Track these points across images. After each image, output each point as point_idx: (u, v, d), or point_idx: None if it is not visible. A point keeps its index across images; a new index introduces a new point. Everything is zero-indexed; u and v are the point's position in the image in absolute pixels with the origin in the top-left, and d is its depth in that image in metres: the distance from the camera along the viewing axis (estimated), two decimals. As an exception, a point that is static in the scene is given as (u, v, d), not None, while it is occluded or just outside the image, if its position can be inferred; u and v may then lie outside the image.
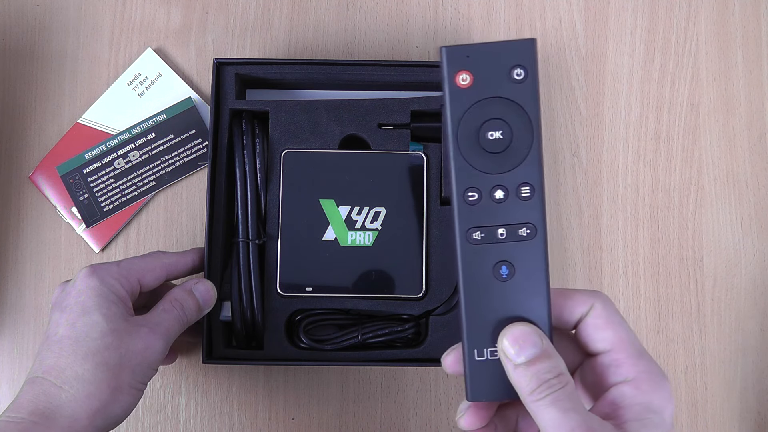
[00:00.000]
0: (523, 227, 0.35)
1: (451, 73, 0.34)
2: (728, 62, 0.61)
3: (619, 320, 0.35)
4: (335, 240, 0.54)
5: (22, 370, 0.58)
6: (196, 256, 0.52)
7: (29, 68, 0.60)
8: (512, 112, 0.34)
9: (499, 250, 0.35)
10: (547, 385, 0.32)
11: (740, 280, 0.60)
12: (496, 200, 0.35)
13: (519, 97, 0.34)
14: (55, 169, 0.58)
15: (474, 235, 0.35)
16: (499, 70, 0.34)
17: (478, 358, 0.35)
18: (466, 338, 0.35)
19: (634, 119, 0.61)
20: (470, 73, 0.34)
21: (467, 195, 0.35)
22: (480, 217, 0.35)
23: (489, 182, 0.34)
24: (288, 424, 0.58)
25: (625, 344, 0.34)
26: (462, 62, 0.34)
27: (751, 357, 0.59)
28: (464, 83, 0.34)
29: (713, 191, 0.60)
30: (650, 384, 0.34)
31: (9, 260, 0.59)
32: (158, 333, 0.45)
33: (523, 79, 0.34)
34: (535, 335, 0.33)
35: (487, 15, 0.62)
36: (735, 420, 0.58)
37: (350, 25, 0.61)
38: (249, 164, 0.54)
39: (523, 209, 0.34)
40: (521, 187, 0.34)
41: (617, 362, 0.34)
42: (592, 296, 0.35)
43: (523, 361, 0.33)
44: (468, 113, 0.34)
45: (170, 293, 0.48)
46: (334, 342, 0.54)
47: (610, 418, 0.33)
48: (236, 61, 0.55)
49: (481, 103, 0.34)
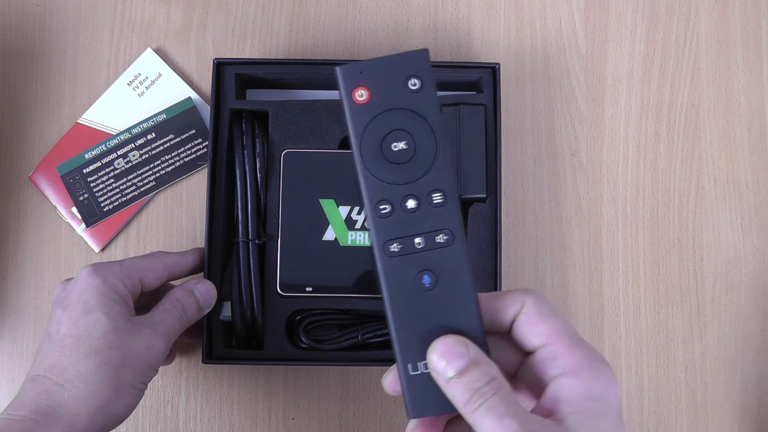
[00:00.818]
0: (439, 234, 0.34)
1: (348, 90, 0.34)
2: (728, 62, 0.61)
3: (551, 313, 0.34)
4: (335, 240, 0.54)
5: (22, 369, 0.58)
6: (197, 256, 0.52)
7: (29, 68, 0.60)
8: (413, 122, 0.34)
9: (418, 260, 0.34)
10: (479, 394, 0.31)
11: (740, 280, 0.60)
12: (409, 210, 0.34)
13: (417, 107, 0.34)
14: (55, 169, 0.58)
15: (392, 248, 0.34)
16: (394, 82, 0.34)
17: (413, 373, 0.34)
18: (399, 354, 0.34)
19: (634, 119, 0.61)
20: (366, 88, 0.34)
21: (379, 208, 0.34)
22: (395, 228, 0.34)
23: (399, 193, 0.34)
24: (288, 424, 0.58)
25: (560, 335, 0.33)
26: (356, 79, 0.34)
27: (751, 357, 0.59)
28: (361, 99, 0.34)
29: (713, 191, 0.60)
30: (589, 371, 0.32)
31: (9, 260, 0.59)
32: (159, 333, 0.45)
33: (419, 88, 0.34)
34: (461, 346, 0.33)
35: (487, 15, 0.62)
36: (735, 420, 0.58)
37: (350, 25, 0.61)
38: (249, 164, 0.54)
39: (437, 216, 0.34)
40: (432, 194, 0.34)
41: (553, 354, 0.33)
42: (522, 294, 0.35)
43: (452, 374, 0.32)
44: (369, 128, 0.34)
45: (171, 293, 0.48)
46: (334, 342, 0.54)
47: (552, 413, 0.32)
48: (236, 61, 0.55)
49: (380, 117, 0.34)
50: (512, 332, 0.35)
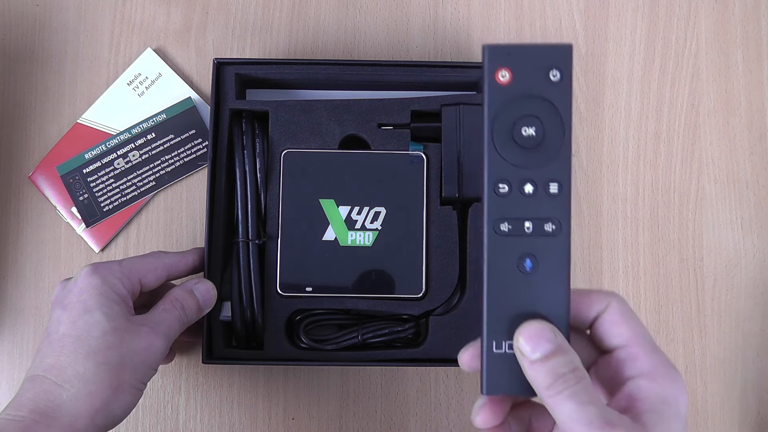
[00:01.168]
0: (549, 222, 0.35)
1: (492, 69, 0.35)
2: (728, 62, 0.61)
3: (633, 317, 0.36)
4: (335, 240, 0.54)
5: (22, 370, 0.58)
6: (197, 256, 0.52)
7: (29, 68, 0.60)
8: (546, 111, 0.35)
9: (524, 244, 0.35)
10: (564, 380, 0.33)
11: (740, 280, 0.60)
12: (526, 194, 0.35)
13: (554, 97, 0.35)
14: (55, 169, 0.58)
15: (501, 227, 0.35)
16: (537, 70, 0.35)
17: (497, 351, 0.35)
18: (486, 329, 0.35)
19: (634, 119, 0.61)
20: (510, 70, 0.35)
21: (498, 187, 0.35)
22: (509, 209, 0.35)
23: (520, 176, 0.35)
24: (288, 424, 0.58)
25: (640, 339, 0.35)
26: (503, 60, 0.35)
27: (751, 357, 0.59)
28: (503, 80, 0.35)
29: (713, 191, 0.60)
30: (665, 377, 0.34)
31: (9, 260, 0.59)
32: (159, 332, 0.45)
33: (559, 80, 0.35)
34: (550, 331, 0.34)
35: (487, 15, 0.62)
36: (735, 420, 0.58)
37: (350, 25, 0.61)
38: (249, 164, 0.54)
39: (550, 205, 0.35)
40: (550, 183, 0.35)
41: (633, 356, 0.35)
42: (608, 296, 0.36)
43: (538, 357, 0.33)
44: (505, 108, 0.35)
45: (170, 293, 0.48)
46: (334, 342, 0.54)
47: (626, 411, 0.34)
48: (236, 61, 0.55)
49: (518, 100, 0.35)
50: (593, 329, 0.36)
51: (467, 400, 0.58)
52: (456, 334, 0.53)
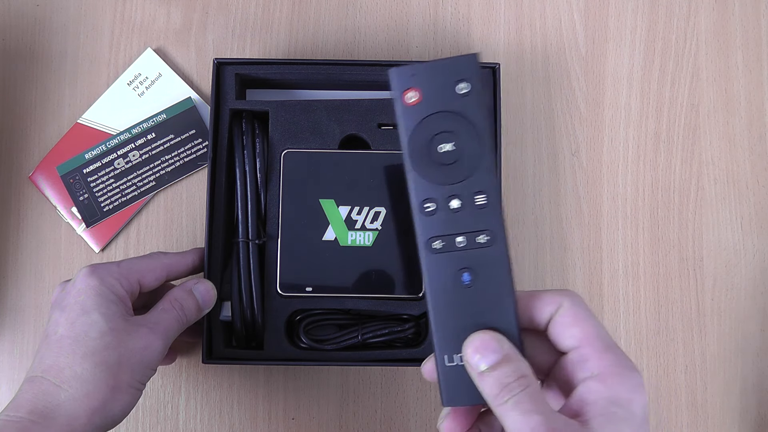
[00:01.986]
0: (481, 234, 0.36)
1: (400, 91, 0.36)
2: (728, 62, 0.61)
3: (586, 316, 0.35)
4: (335, 240, 0.54)
5: (22, 370, 0.58)
6: (197, 256, 0.52)
7: (29, 68, 0.60)
8: (460, 125, 0.36)
9: (460, 258, 0.36)
10: (508, 389, 0.33)
11: (740, 280, 0.60)
12: (453, 209, 0.36)
13: (465, 110, 0.35)
14: (55, 169, 0.58)
15: (434, 245, 0.36)
16: (444, 85, 0.35)
17: (449, 364, 0.36)
18: (437, 345, 0.36)
19: (634, 119, 0.61)
20: (417, 90, 0.36)
21: (424, 206, 0.36)
22: (439, 226, 0.36)
23: (444, 193, 0.36)
24: (288, 424, 0.58)
25: (592, 339, 0.34)
26: (408, 81, 0.36)
27: (751, 357, 0.59)
28: (412, 100, 0.36)
29: (713, 191, 0.60)
30: (616, 377, 0.33)
31: (9, 260, 0.59)
32: (157, 332, 0.45)
33: (468, 92, 0.35)
34: (495, 342, 0.34)
35: (487, 15, 0.62)
36: (735, 420, 0.58)
37: (350, 25, 0.61)
38: (249, 164, 0.54)
39: (479, 217, 0.36)
40: (476, 196, 0.36)
41: (584, 357, 0.34)
42: (560, 295, 0.36)
43: (484, 368, 0.34)
44: (418, 128, 0.36)
45: (170, 293, 0.48)
46: (334, 342, 0.54)
47: (577, 415, 0.33)
48: (236, 61, 0.55)
49: (430, 118, 0.36)
50: (547, 332, 0.36)
51: (467, 400, 0.58)
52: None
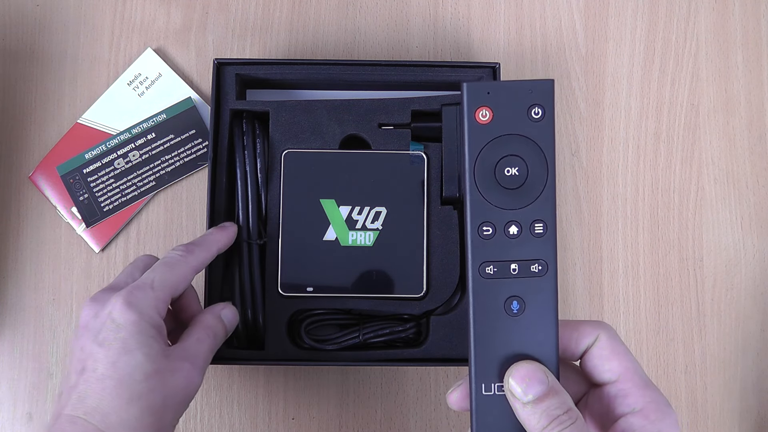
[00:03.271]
0: (535, 263, 0.35)
1: (472, 108, 0.35)
2: (728, 62, 0.62)
3: (624, 350, 0.35)
4: (336, 240, 0.54)
5: (22, 369, 0.58)
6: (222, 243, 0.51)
7: (29, 68, 0.60)
8: (529, 150, 0.35)
9: (510, 286, 0.35)
10: (558, 422, 0.32)
11: (740, 280, 0.60)
12: (510, 236, 0.35)
13: (536, 136, 0.35)
14: (55, 169, 0.58)
15: (487, 270, 0.35)
16: (518, 108, 0.35)
17: (486, 393, 0.35)
18: (474, 372, 0.35)
19: (634, 119, 0.61)
20: (490, 109, 0.35)
21: (482, 229, 0.35)
22: (494, 251, 0.35)
23: (504, 217, 0.35)
24: (288, 424, 0.58)
25: (631, 374, 0.35)
26: (482, 98, 0.35)
27: (751, 357, 0.59)
28: (484, 119, 0.35)
29: (713, 191, 0.60)
30: (658, 414, 0.34)
31: (9, 260, 0.59)
32: (197, 367, 0.44)
33: (541, 117, 0.35)
34: (541, 372, 0.34)
35: (487, 15, 0.62)
36: (735, 420, 0.58)
37: (350, 25, 0.61)
38: (249, 164, 0.54)
39: (536, 246, 0.35)
40: (535, 224, 0.35)
41: (624, 392, 0.35)
42: (597, 327, 0.36)
43: (531, 399, 0.33)
44: (486, 148, 0.35)
45: (202, 320, 0.47)
46: (335, 342, 0.54)
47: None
48: (236, 62, 0.55)
49: (499, 140, 0.35)
50: (583, 363, 0.36)
51: (467, 400, 0.58)
52: (457, 333, 0.53)
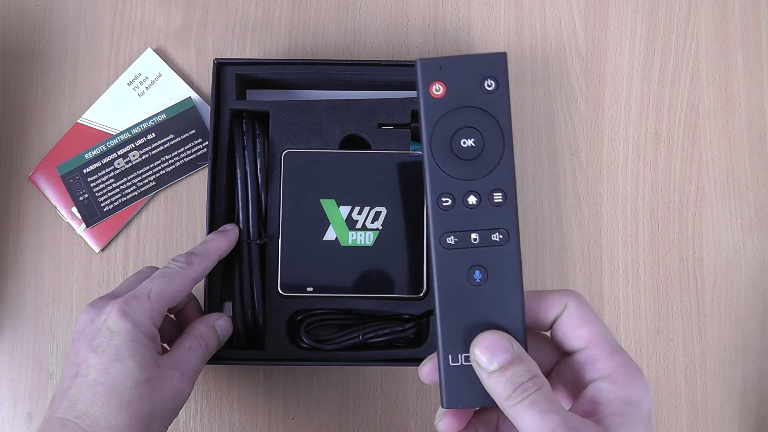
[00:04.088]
0: (495, 232, 0.35)
1: (426, 83, 0.35)
2: (728, 62, 0.61)
3: (593, 317, 0.36)
4: (336, 240, 0.54)
5: (22, 369, 0.58)
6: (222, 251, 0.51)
7: (29, 68, 0.60)
8: (484, 121, 0.35)
9: (472, 255, 0.35)
10: (523, 389, 0.33)
11: (740, 280, 0.60)
12: (469, 206, 0.35)
13: (490, 107, 0.35)
14: (55, 169, 0.58)
15: (448, 240, 0.35)
16: (471, 81, 0.35)
17: (453, 364, 0.35)
18: (441, 343, 0.36)
19: (634, 119, 0.61)
20: (443, 83, 0.35)
21: (441, 200, 0.36)
22: (454, 222, 0.35)
23: (462, 188, 0.36)
24: (288, 424, 0.58)
25: (600, 340, 0.35)
26: (435, 73, 0.35)
27: (751, 357, 0.59)
28: (438, 93, 0.35)
29: (713, 191, 0.60)
30: (627, 378, 0.34)
31: (9, 260, 0.59)
32: (187, 377, 0.45)
33: (495, 89, 0.35)
34: (506, 341, 0.34)
35: (487, 15, 0.62)
36: (735, 420, 0.58)
37: (350, 25, 0.61)
38: (249, 164, 0.54)
39: (495, 215, 0.35)
40: (493, 193, 0.35)
41: (593, 359, 0.35)
42: (565, 295, 0.36)
43: (495, 367, 0.33)
44: (441, 122, 0.36)
45: (195, 329, 0.48)
46: (335, 342, 0.54)
47: (590, 415, 0.34)
48: (236, 62, 0.55)
49: (453, 112, 0.36)
50: (552, 332, 0.36)
51: (467, 400, 0.58)
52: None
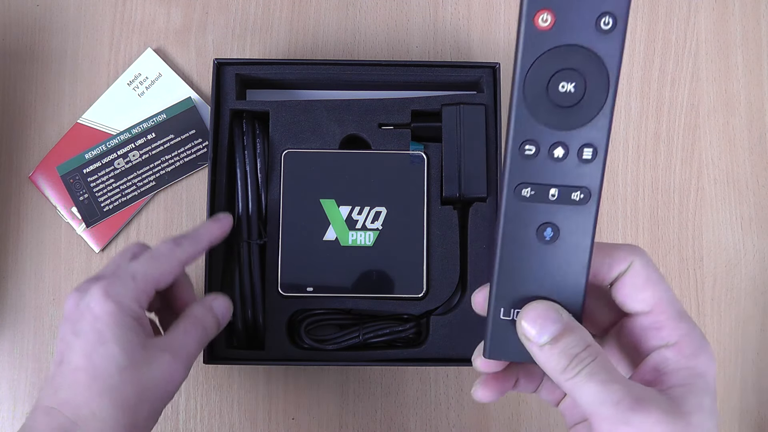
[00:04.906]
0: (577, 191, 0.32)
1: (531, 10, 0.30)
2: (728, 62, 0.62)
3: (658, 279, 0.33)
4: (336, 240, 0.54)
5: (22, 369, 0.58)
6: (213, 235, 0.49)
7: (29, 68, 0.60)
8: (591, 65, 0.31)
9: (548, 211, 0.32)
10: (578, 360, 0.31)
11: (740, 280, 0.60)
12: (555, 158, 0.32)
13: (602, 49, 0.31)
14: (55, 169, 0.58)
15: (524, 191, 0.32)
16: (585, 15, 0.30)
17: (503, 317, 0.33)
18: (495, 295, 0.33)
19: (634, 119, 0.61)
20: (553, 13, 0.30)
21: (524, 147, 0.32)
22: (534, 173, 0.32)
23: (550, 138, 0.32)
24: (288, 424, 0.58)
25: (665, 305, 0.33)
26: (545, 0, 0.30)
27: (751, 357, 0.59)
28: (544, 24, 0.30)
29: (713, 191, 0.60)
30: (693, 348, 0.32)
31: (9, 260, 0.59)
32: (180, 359, 0.42)
33: (611, 29, 0.30)
34: (554, 311, 0.32)
35: (487, 15, 0.62)
36: (735, 420, 0.58)
37: (350, 25, 0.61)
38: (249, 164, 0.54)
39: (581, 172, 0.32)
40: (584, 149, 0.32)
41: (657, 324, 0.33)
42: (631, 252, 0.33)
43: (546, 340, 0.31)
44: (541, 58, 0.31)
45: (191, 312, 0.45)
46: (335, 342, 0.54)
47: (652, 384, 0.32)
48: (236, 62, 0.55)
49: (558, 50, 0.31)
50: (614, 290, 0.34)
51: (467, 400, 0.58)
52: (457, 334, 0.53)
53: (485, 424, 0.58)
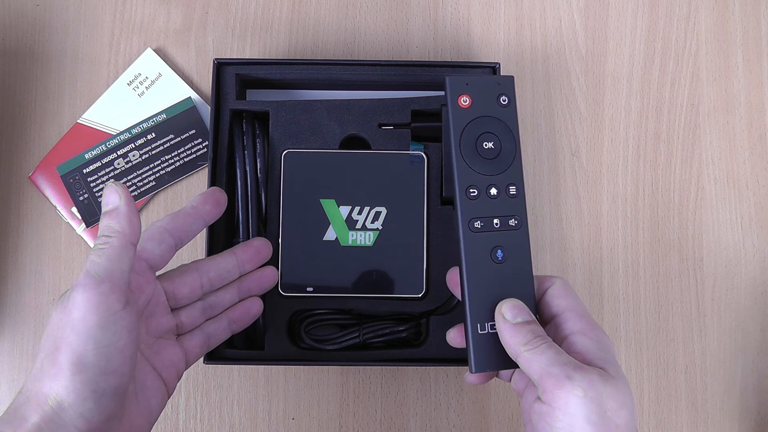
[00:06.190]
0: (512, 218, 0.43)
1: (454, 96, 0.43)
2: (728, 62, 0.61)
3: (571, 293, 0.43)
4: (336, 240, 0.54)
5: (22, 369, 0.58)
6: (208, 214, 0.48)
7: (29, 68, 0.60)
8: (500, 129, 0.44)
9: (494, 237, 0.43)
10: (541, 337, 0.40)
11: (740, 280, 0.60)
12: (491, 196, 0.43)
13: (504, 117, 0.44)
14: (55, 169, 0.58)
15: (475, 224, 0.43)
16: (490, 95, 0.44)
17: (481, 332, 0.42)
18: (470, 315, 0.42)
19: (634, 119, 0.61)
20: (469, 96, 0.44)
21: (469, 191, 0.43)
22: (479, 209, 0.43)
23: (485, 182, 0.43)
24: (288, 424, 0.58)
25: (574, 307, 0.42)
26: (463, 88, 0.44)
27: (751, 357, 0.59)
28: (465, 104, 0.43)
29: (713, 191, 0.60)
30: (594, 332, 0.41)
31: (9, 260, 0.59)
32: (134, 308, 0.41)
33: (507, 104, 0.44)
34: (526, 307, 0.42)
35: (487, 15, 0.62)
36: (735, 420, 0.58)
37: (350, 25, 0.61)
38: (249, 164, 0.54)
39: (511, 204, 0.43)
40: (509, 187, 0.43)
41: (567, 319, 0.42)
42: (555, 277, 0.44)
43: (520, 320, 0.41)
44: (468, 127, 0.43)
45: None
46: (335, 342, 0.54)
47: None
48: (236, 62, 0.55)
49: (478, 120, 0.43)
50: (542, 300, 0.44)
51: (467, 400, 0.58)
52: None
53: (485, 424, 0.58)
